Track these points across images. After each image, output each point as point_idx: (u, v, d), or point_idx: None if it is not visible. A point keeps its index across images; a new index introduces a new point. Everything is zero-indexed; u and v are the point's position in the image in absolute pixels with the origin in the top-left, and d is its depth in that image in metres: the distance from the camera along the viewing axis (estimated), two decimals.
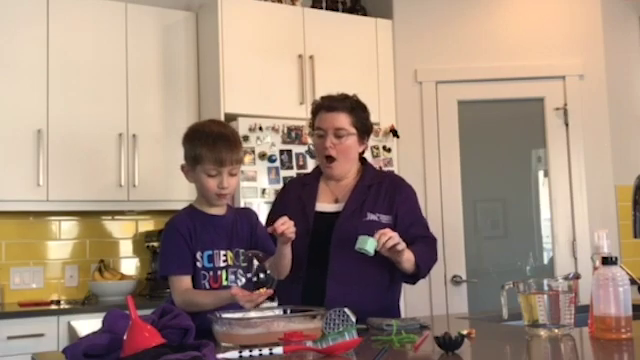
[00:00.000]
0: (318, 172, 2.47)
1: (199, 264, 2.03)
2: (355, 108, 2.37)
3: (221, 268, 2.05)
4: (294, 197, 2.42)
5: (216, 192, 2.04)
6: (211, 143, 2.01)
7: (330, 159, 2.34)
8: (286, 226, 2.00)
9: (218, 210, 2.11)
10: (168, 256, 2.05)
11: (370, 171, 2.45)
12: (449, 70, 4.13)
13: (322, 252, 2.26)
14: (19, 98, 3.50)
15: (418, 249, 2.29)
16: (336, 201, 2.37)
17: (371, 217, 2.31)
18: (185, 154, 2.09)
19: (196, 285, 2.02)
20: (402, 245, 2.17)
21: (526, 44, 4.12)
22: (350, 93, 2.45)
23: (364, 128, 2.39)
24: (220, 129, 2.10)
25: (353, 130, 2.35)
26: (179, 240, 2.03)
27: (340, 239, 2.26)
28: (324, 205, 2.37)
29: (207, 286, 2.02)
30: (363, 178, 2.40)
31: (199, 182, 2.05)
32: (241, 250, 2.10)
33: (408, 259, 2.23)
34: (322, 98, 2.44)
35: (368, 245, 2.12)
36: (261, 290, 1.89)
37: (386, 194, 2.37)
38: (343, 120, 2.34)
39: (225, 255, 2.06)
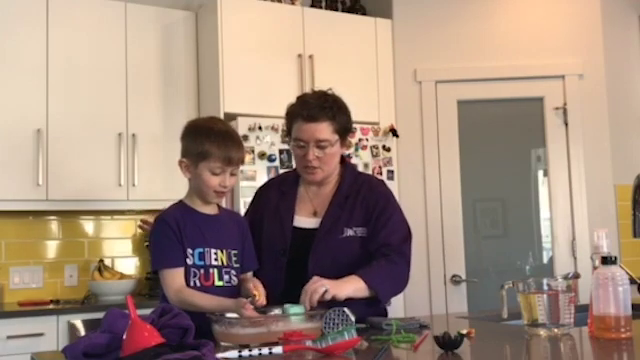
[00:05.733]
0: (297, 174, 2.30)
1: (189, 261, 2.00)
2: (336, 114, 2.17)
3: (213, 266, 2.03)
4: (272, 206, 2.26)
5: (216, 189, 2.03)
6: (221, 141, 2.00)
7: (312, 168, 2.18)
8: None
9: (209, 209, 2.10)
10: (160, 250, 2.02)
11: (349, 177, 2.28)
12: (449, 70, 4.13)
13: (300, 271, 2.11)
14: (19, 97, 3.50)
15: (372, 269, 2.09)
16: (315, 214, 2.24)
17: (348, 233, 2.18)
18: (187, 149, 2.06)
19: (185, 281, 2.00)
20: (329, 294, 1.94)
21: (526, 44, 4.12)
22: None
23: (346, 131, 2.23)
24: (226, 127, 2.11)
25: (336, 137, 2.18)
26: (169, 234, 2.00)
27: (318, 259, 2.13)
28: (302, 219, 2.23)
29: (197, 284, 2.00)
30: (341, 187, 2.24)
31: (200, 179, 2.03)
32: (233, 251, 2.09)
33: (357, 289, 2.03)
34: (299, 104, 2.22)
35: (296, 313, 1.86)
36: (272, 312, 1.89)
37: (362, 203, 2.21)
38: (325, 130, 2.14)
39: (216, 254, 2.05)
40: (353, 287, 2.03)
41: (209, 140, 2.01)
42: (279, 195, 2.29)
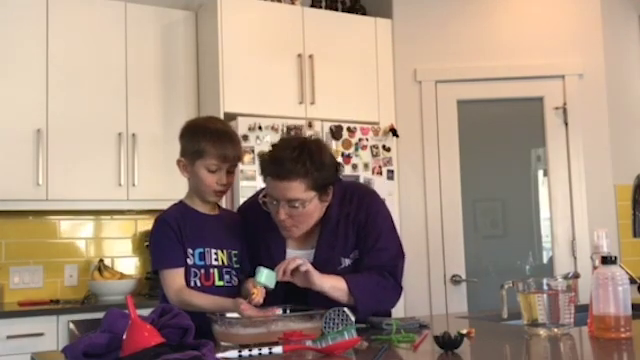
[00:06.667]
0: None
1: (190, 261, 2.01)
2: (310, 170, 1.93)
3: (213, 266, 2.04)
4: (260, 233, 2.10)
5: (214, 188, 2.04)
6: (216, 139, 2.02)
7: (287, 227, 2.02)
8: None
9: (209, 209, 2.11)
10: (160, 250, 2.02)
11: (336, 197, 2.07)
12: (448, 69, 4.13)
13: (298, 300, 2.00)
14: (19, 97, 3.50)
15: (360, 278, 2.02)
16: (307, 243, 2.10)
17: (346, 263, 2.07)
18: (184, 148, 2.08)
19: (185, 281, 2.00)
20: (306, 266, 1.92)
21: (525, 43, 4.12)
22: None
23: (325, 185, 2.00)
24: (223, 126, 2.12)
25: (312, 194, 1.96)
26: (170, 234, 2.01)
27: (317, 294, 1.98)
28: (295, 252, 2.09)
29: (198, 284, 2.01)
30: (330, 211, 2.07)
31: (197, 177, 2.04)
32: (233, 252, 2.09)
33: (335, 287, 1.97)
34: (270, 159, 1.98)
35: (264, 278, 1.89)
36: (271, 309, 1.89)
37: (353, 224, 2.08)
38: (296, 189, 1.93)
39: (216, 254, 2.05)
40: (330, 284, 1.97)
41: (205, 138, 2.02)
42: (265, 223, 2.08)
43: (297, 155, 1.94)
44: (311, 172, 1.94)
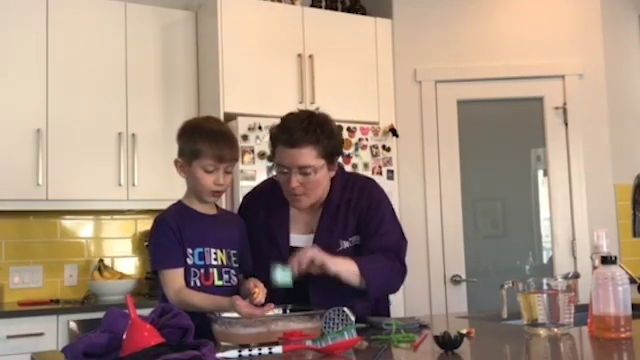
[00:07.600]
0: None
1: (189, 261, 2.01)
2: (320, 137, 2.03)
3: (212, 266, 2.04)
4: (261, 224, 2.15)
5: (211, 189, 2.04)
6: (212, 139, 2.01)
7: (297, 195, 2.08)
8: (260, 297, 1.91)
9: (207, 209, 2.11)
10: (160, 250, 2.03)
11: (338, 183, 2.16)
12: (448, 69, 4.13)
13: (300, 287, 2.02)
14: (18, 97, 3.50)
15: (368, 259, 2.07)
16: (309, 228, 2.16)
17: (345, 245, 2.11)
18: (181, 149, 2.08)
19: (185, 281, 2.00)
20: (320, 259, 1.96)
21: (525, 43, 4.12)
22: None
23: (333, 153, 2.09)
24: (220, 126, 2.12)
25: (321, 162, 2.05)
26: (170, 234, 2.01)
27: (318, 277, 2.02)
28: (297, 237, 2.15)
29: (197, 283, 2.01)
30: (331, 196, 2.14)
31: (194, 178, 2.04)
32: (232, 251, 2.09)
33: (349, 270, 2.02)
34: (280, 128, 2.08)
35: (281, 277, 1.93)
36: (267, 305, 1.88)
37: (354, 211, 2.14)
38: (308, 156, 2.02)
39: (216, 254, 2.05)
40: (345, 267, 2.02)
41: (201, 139, 2.02)
42: (267, 212, 2.17)
43: (307, 124, 2.03)
44: (321, 140, 2.03)
